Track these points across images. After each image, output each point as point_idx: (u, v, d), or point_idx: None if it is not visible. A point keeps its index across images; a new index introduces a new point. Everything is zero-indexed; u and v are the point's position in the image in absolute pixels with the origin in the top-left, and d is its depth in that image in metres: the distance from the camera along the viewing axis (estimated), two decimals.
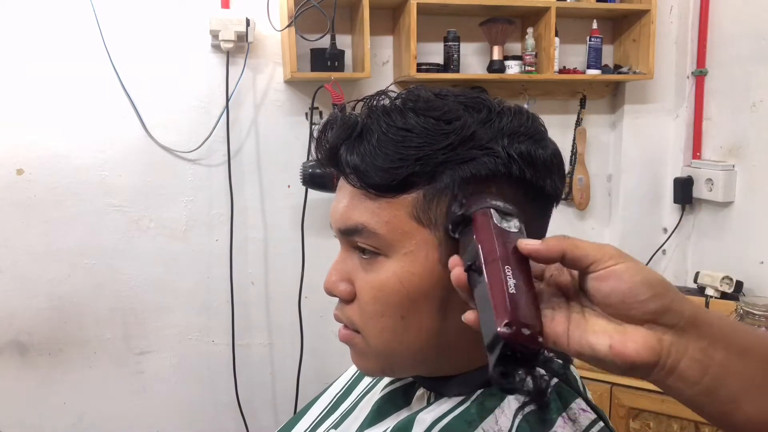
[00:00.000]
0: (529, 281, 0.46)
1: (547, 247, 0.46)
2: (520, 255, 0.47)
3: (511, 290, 0.45)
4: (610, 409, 1.79)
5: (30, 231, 1.85)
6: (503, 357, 0.43)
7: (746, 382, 0.44)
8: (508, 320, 0.43)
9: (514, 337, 0.42)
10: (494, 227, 0.49)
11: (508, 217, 0.51)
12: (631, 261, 0.44)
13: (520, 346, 0.43)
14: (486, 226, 0.50)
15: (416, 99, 0.57)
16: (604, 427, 0.59)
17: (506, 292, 0.44)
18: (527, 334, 0.43)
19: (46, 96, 1.81)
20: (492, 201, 0.52)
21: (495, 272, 0.46)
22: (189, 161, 1.94)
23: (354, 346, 0.62)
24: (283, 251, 2.05)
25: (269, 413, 2.13)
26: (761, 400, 0.44)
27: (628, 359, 0.43)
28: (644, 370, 0.43)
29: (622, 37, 2.16)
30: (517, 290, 0.45)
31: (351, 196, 0.58)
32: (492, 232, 0.49)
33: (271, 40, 1.94)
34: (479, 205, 0.52)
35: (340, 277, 0.61)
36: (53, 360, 1.92)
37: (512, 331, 0.42)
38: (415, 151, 0.54)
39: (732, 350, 0.44)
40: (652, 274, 0.44)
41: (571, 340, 0.45)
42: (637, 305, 0.43)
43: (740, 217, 2.05)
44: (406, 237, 0.56)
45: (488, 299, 0.45)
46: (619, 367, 0.44)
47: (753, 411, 0.44)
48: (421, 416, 0.61)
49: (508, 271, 0.46)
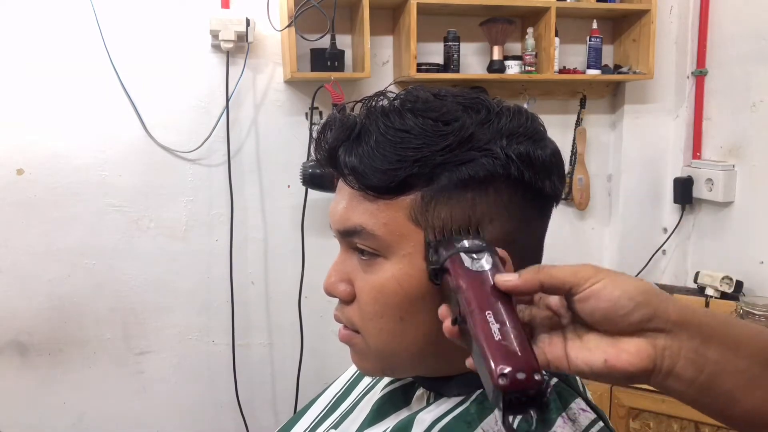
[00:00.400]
0: (514, 317, 0.46)
1: (524, 281, 0.46)
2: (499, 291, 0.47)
3: (497, 337, 0.45)
4: (610, 409, 1.79)
5: (30, 231, 1.85)
6: (509, 406, 0.43)
7: (741, 377, 0.45)
8: (500, 373, 0.43)
9: (511, 386, 0.43)
10: (467, 273, 0.49)
11: (478, 255, 0.50)
12: (607, 277, 0.45)
13: (520, 392, 0.43)
14: (459, 274, 0.49)
15: (415, 100, 0.57)
16: (604, 427, 0.58)
17: (493, 341, 0.44)
18: (523, 378, 0.43)
19: (46, 96, 1.82)
20: (458, 243, 0.51)
21: (478, 323, 0.46)
22: (189, 161, 1.94)
23: (354, 347, 0.63)
24: (283, 251, 2.05)
25: (269, 413, 2.13)
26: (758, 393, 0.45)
27: (624, 371, 0.44)
28: (642, 378, 0.45)
29: (622, 37, 2.16)
30: (504, 335, 0.45)
31: (350, 197, 0.58)
32: (466, 278, 0.49)
33: (271, 40, 1.94)
34: (449, 252, 0.51)
35: (339, 278, 0.61)
36: (53, 360, 1.92)
37: (508, 382, 0.43)
38: (413, 152, 0.54)
39: (725, 346, 0.45)
40: (632, 284, 0.45)
41: (569, 361, 0.46)
42: (621, 319, 0.44)
43: (740, 217, 2.05)
44: (404, 239, 0.56)
45: (479, 353, 0.45)
46: (618, 379, 0.45)
47: (750, 404, 0.45)
48: (421, 416, 0.61)
49: (490, 317, 0.46)
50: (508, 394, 0.43)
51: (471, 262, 0.50)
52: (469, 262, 0.50)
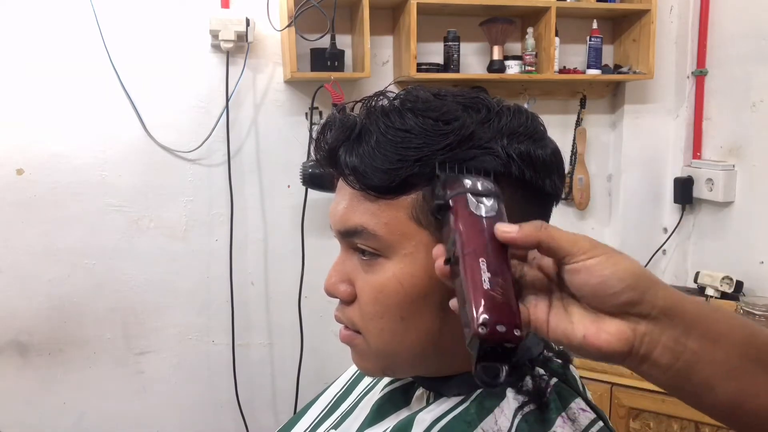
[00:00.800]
0: (506, 270, 0.46)
1: (523, 235, 0.46)
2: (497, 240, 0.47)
3: (486, 285, 0.44)
4: (610, 409, 1.79)
5: (30, 231, 1.85)
6: (483, 354, 0.43)
7: (719, 368, 0.45)
8: (482, 320, 0.43)
9: (490, 336, 0.43)
10: (469, 215, 0.48)
11: (485, 199, 0.50)
12: (603, 254, 0.44)
13: (497, 343, 0.43)
14: (461, 215, 0.48)
15: (415, 99, 0.57)
16: (604, 427, 0.58)
17: (481, 288, 0.44)
18: (503, 331, 0.43)
19: (46, 96, 1.82)
20: (468, 183, 0.51)
21: (470, 267, 0.45)
22: (189, 161, 1.94)
23: (355, 347, 0.63)
24: (283, 251, 2.05)
25: (269, 413, 2.13)
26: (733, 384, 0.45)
27: (599, 350, 0.44)
28: (617, 359, 0.45)
29: (622, 37, 2.16)
30: (492, 284, 0.45)
31: (350, 197, 0.58)
32: (467, 221, 0.48)
33: (271, 40, 1.94)
34: (456, 190, 0.50)
35: (340, 278, 0.61)
36: (53, 360, 1.92)
37: (488, 331, 0.43)
38: (414, 152, 0.54)
39: (707, 337, 0.45)
40: (625, 265, 0.44)
41: (549, 327, 0.46)
42: (608, 298, 0.44)
43: (740, 217, 2.05)
44: (405, 238, 0.56)
45: (464, 296, 0.45)
46: (593, 355, 0.45)
47: (724, 394, 0.45)
48: (421, 416, 0.61)
49: (483, 264, 0.45)
50: (486, 343, 0.43)
51: (476, 205, 0.49)
52: (474, 205, 0.49)
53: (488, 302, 0.44)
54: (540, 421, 0.56)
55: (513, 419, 0.56)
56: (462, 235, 0.47)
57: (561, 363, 0.63)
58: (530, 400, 0.58)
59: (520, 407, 0.57)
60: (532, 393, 0.58)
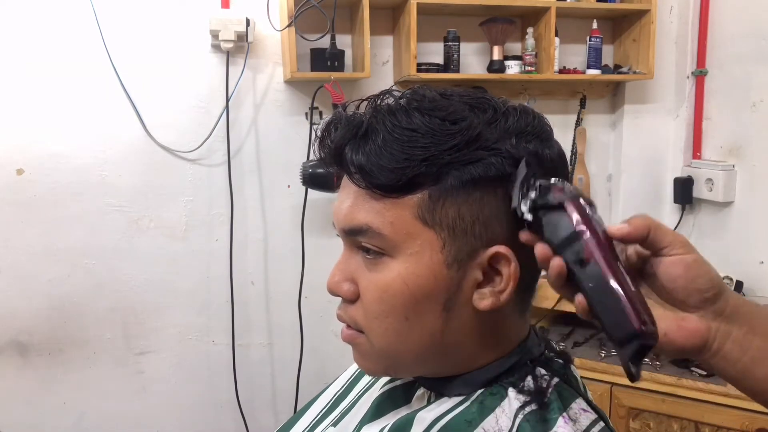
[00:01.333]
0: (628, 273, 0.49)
1: (635, 228, 0.50)
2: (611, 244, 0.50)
3: (633, 288, 0.48)
4: (610, 409, 1.79)
5: (30, 231, 1.85)
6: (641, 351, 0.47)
7: None
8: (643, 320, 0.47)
9: (649, 334, 0.47)
10: (591, 219, 0.50)
11: (593, 208, 0.52)
12: (697, 253, 0.51)
13: (651, 340, 0.47)
14: (584, 219, 0.50)
15: (421, 99, 0.57)
16: (605, 427, 0.58)
17: (631, 291, 0.48)
18: (653, 331, 0.47)
19: (46, 96, 1.81)
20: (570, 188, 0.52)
21: (612, 270, 0.48)
22: (189, 161, 1.94)
23: (357, 346, 0.62)
24: (283, 251, 2.05)
25: (269, 413, 2.13)
26: None
27: (679, 346, 0.50)
28: (693, 353, 0.51)
29: (622, 37, 2.16)
30: (635, 287, 0.48)
31: (355, 196, 0.58)
32: (590, 225, 0.50)
33: (271, 40, 1.94)
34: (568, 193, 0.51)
35: (343, 277, 0.61)
36: (53, 360, 1.92)
37: (648, 330, 0.47)
38: (421, 151, 0.54)
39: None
40: (711, 267, 0.51)
41: None
42: (696, 293, 0.50)
43: (740, 217, 2.05)
44: (410, 238, 0.56)
45: (614, 297, 0.47)
46: (672, 352, 0.51)
47: None
48: (421, 414, 0.61)
49: (621, 266, 0.49)
50: (648, 340, 0.47)
51: (589, 209, 0.51)
52: (588, 209, 0.51)
53: (642, 304, 0.48)
54: (541, 421, 0.56)
55: (514, 419, 0.56)
56: (589, 239, 0.49)
57: (562, 363, 0.63)
58: (531, 399, 0.58)
59: (522, 407, 0.57)
60: (534, 393, 0.58)
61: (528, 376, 0.60)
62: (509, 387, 0.59)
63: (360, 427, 0.68)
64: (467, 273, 0.56)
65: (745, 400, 1.61)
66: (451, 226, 0.55)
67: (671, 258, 0.50)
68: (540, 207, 0.52)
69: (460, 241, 0.56)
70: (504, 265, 0.56)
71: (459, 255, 0.56)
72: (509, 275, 0.56)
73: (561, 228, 0.51)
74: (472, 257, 0.56)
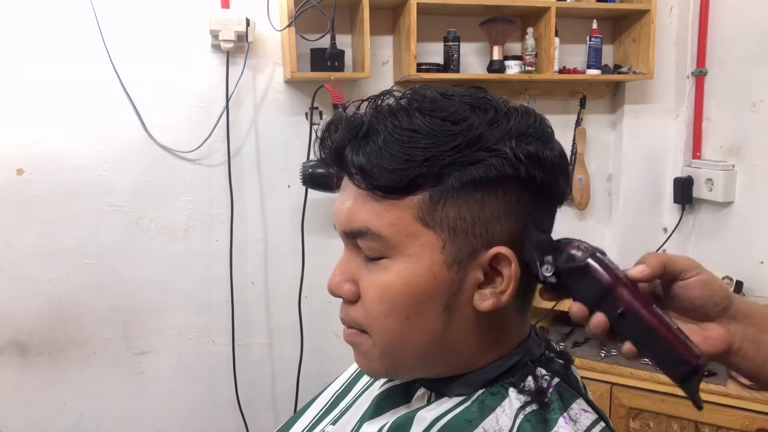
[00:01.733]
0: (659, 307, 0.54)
1: (653, 268, 0.54)
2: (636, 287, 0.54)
3: (674, 326, 0.53)
4: (610, 409, 1.79)
5: (30, 231, 1.85)
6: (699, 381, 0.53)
7: None
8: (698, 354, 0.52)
9: (705, 364, 0.53)
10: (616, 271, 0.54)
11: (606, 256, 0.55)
12: (707, 272, 0.56)
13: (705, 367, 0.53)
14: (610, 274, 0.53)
15: (422, 99, 0.57)
16: (605, 428, 0.59)
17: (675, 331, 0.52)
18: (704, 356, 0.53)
19: (46, 96, 1.81)
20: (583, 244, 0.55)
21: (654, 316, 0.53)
22: (189, 161, 1.94)
23: (358, 347, 0.62)
24: (283, 251, 2.05)
25: (269, 413, 2.13)
26: None
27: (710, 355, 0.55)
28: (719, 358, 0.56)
29: (622, 37, 2.16)
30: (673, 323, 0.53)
31: (355, 196, 0.58)
32: (618, 277, 0.53)
33: (271, 40, 1.94)
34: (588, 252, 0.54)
35: (344, 278, 0.61)
36: (53, 360, 1.92)
37: (702, 362, 0.52)
38: (421, 152, 0.53)
39: None
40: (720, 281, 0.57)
41: None
42: (714, 307, 0.56)
43: (740, 217, 2.05)
44: (411, 238, 0.56)
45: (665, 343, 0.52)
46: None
47: None
48: (421, 414, 0.61)
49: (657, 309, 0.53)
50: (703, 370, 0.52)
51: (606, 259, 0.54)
52: (605, 260, 0.54)
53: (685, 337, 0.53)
54: (542, 421, 0.56)
55: (515, 419, 0.56)
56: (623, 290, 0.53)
57: (562, 363, 0.63)
58: (532, 400, 0.58)
59: (522, 407, 0.57)
60: (534, 393, 0.58)
61: (528, 376, 0.60)
62: (510, 387, 0.59)
63: (359, 426, 0.68)
64: (468, 274, 0.56)
65: (745, 400, 1.61)
66: (451, 226, 0.55)
67: (688, 281, 0.55)
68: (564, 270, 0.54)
69: (460, 242, 0.56)
70: (505, 266, 0.56)
71: (459, 256, 0.56)
72: (510, 276, 0.56)
73: (592, 286, 0.54)
74: (472, 258, 0.56)
